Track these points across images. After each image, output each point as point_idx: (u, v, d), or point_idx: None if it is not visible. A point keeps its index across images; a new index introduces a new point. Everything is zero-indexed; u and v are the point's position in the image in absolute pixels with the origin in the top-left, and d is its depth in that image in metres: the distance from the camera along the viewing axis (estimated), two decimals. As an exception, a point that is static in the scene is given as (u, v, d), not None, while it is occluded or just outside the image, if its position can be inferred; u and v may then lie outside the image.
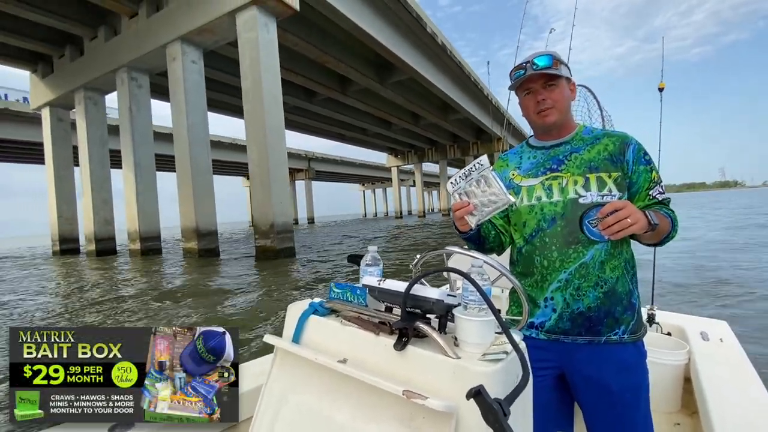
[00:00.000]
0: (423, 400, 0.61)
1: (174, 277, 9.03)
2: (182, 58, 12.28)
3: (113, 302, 6.56)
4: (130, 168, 14.14)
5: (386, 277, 0.85)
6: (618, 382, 0.96)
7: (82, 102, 15.98)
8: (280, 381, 0.88)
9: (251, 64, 10.97)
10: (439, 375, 0.66)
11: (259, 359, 1.38)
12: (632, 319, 0.99)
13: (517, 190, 1.08)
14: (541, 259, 1.02)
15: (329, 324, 0.85)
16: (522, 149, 1.15)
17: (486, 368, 0.62)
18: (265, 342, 0.90)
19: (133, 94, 14.14)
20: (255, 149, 11.11)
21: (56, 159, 17.75)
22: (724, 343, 1.61)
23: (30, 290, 8.40)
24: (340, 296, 0.88)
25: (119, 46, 14.06)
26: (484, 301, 0.67)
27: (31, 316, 5.87)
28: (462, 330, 0.69)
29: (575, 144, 1.05)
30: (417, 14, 17.45)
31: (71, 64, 16.04)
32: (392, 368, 0.71)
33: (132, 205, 14.25)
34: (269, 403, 0.88)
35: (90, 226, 16.11)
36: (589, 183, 0.99)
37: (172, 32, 12.30)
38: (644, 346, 1.02)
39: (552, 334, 1.01)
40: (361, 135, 37.31)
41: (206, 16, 11.50)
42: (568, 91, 1.05)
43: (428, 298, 0.71)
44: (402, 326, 0.71)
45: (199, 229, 12.46)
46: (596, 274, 0.97)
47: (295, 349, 0.84)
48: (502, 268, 0.88)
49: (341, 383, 0.77)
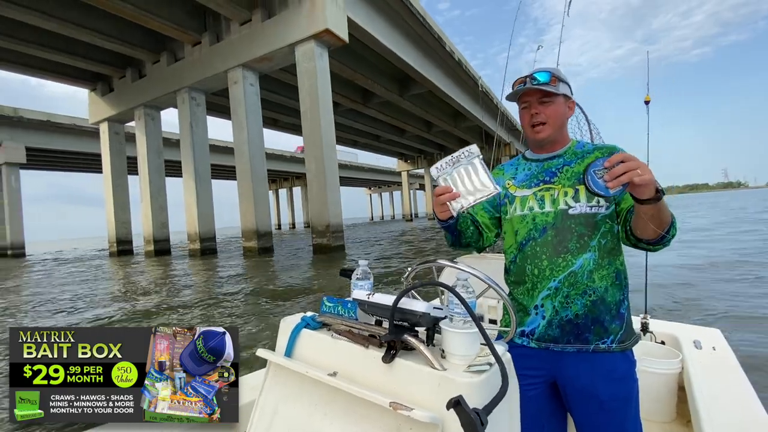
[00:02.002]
0: (408, 412, 0.62)
1: (262, 274, 10.85)
2: (243, 82, 14.18)
3: (235, 297, 7.02)
4: (191, 176, 16.02)
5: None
6: (606, 390, 0.97)
7: (142, 118, 17.91)
8: (273, 394, 0.89)
9: (309, 90, 12.87)
10: (425, 387, 0.67)
11: (256, 372, 1.39)
12: (620, 329, 1.00)
13: (511, 200, 1.12)
14: (532, 268, 1.04)
15: (320, 337, 0.86)
16: (518, 161, 1.19)
17: (470, 379, 0.64)
18: (258, 356, 0.91)
19: (192, 111, 16.05)
20: (312, 161, 12.99)
21: (113, 168, 19.67)
22: (717, 351, 1.61)
23: (146, 285, 10.23)
24: (331, 310, 0.90)
25: (181, 70, 15.98)
26: (468, 314, 0.68)
27: (176, 310, 6.32)
28: (448, 342, 0.71)
29: (567, 157, 1.08)
30: (438, 36, 19.36)
31: (132, 84, 17.96)
32: (381, 380, 0.73)
33: (192, 209, 16.11)
34: (262, 417, 0.89)
35: (149, 229, 17.99)
36: (578, 194, 1.02)
37: (234, 59, 14.21)
38: (634, 356, 1.02)
39: (542, 342, 1.03)
40: (375, 141, 39.26)
41: (268, 47, 13.41)
42: (564, 108, 1.07)
43: (415, 312, 0.72)
44: (390, 339, 0.73)
45: (259, 230, 14.32)
46: (585, 282, 0.99)
47: (287, 362, 0.85)
48: (489, 280, 0.87)
49: (332, 396, 0.78)
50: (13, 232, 27.09)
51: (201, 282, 9.29)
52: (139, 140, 18.11)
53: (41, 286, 10.39)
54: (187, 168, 16.13)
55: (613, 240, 1.03)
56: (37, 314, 6.76)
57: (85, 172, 37.07)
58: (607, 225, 1.02)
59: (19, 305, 7.64)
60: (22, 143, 25.39)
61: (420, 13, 16.73)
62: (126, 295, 8.06)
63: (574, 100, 1.11)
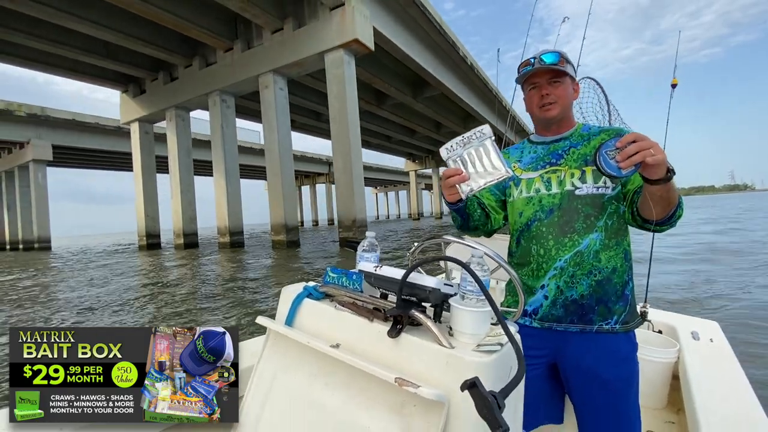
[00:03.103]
0: (415, 389, 0.61)
1: (296, 262, 11.87)
2: (273, 86, 15.20)
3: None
4: (221, 174, 17.06)
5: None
6: (609, 371, 0.98)
7: (173, 119, 18.97)
8: (272, 362, 0.89)
9: (338, 95, 13.87)
10: (432, 364, 0.66)
11: (254, 339, 1.38)
12: (624, 310, 1.00)
13: (517, 182, 1.12)
14: (537, 248, 1.04)
15: (323, 308, 0.85)
16: (523, 145, 1.19)
17: (480, 359, 0.62)
18: (257, 323, 0.91)
19: (223, 113, 17.09)
20: (340, 161, 14.00)
21: (143, 166, 20.76)
22: (714, 343, 1.61)
23: (206, 276, 11.24)
24: (335, 281, 0.88)
25: (213, 74, 17.01)
26: (482, 292, 0.67)
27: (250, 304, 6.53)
28: (458, 320, 0.70)
29: (574, 140, 1.08)
30: (453, 41, 20.30)
31: (164, 87, 19.02)
32: (385, 355, 0.71)
33: (222, 205, 17.16)
34: (260, 384, 0.89)
35: (179, 224, 19.07)
36: (585, 175, 1.02)
37: (266, 65, 15.22)
38: (636, 338, 1.03)
39: (545, 322, 1.03)
40: (386, 142, 40.23)
41: (299, 54, 14.41)
42: (571, 89, 1.08)
43: (425, 287, 0.71)
44: (397, 313, 0.71)
45: (287, 225, 15.34)
46: (591, 262, 0.99)
47: (288, 331, 0.84)
48: (499, 259, 0.86)
49: (333, 368, 0.77)
50: (40, 227, 28.33)
51: (274, 267, 10.31)
52: (170, 140, 19.18)
53: (136, 272, 11.44)
54: (217, 167, 17.18)
55: (619, 221, 1.03)
56: (163, 301, 7.77)
57: (106, 169, 38.43)
58: (613, 206, 1.02)
59: (146, 293, 8.63)
60: (49, 141, 26.62)
61: (438, 21, 17.69)
62: (222, 281, 9.09)
63: (578, 83, 1.13)
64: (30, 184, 28.48)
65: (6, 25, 14.62)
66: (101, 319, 5.58)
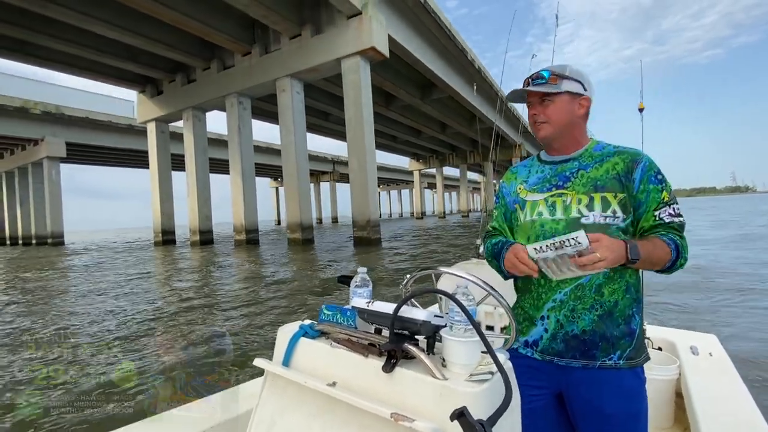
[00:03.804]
0: (410, 423, 0.61)
1: (324, 258, 12.47)
2: (291, 90, 15.80)
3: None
4: (238, 174, 17.68)
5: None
6: (614, 407, 0.94)
7: (190, 119, 19.57)
8: (270, 404, 0.89)
9: (354, 99, 14.47)
10: (426, 396, 0.67)
11: (251, 381, 1.38)
12: (630, 345, 0.96)
13: (522, 205, 1.09)
14: (538, 278, 0.99)
15: (319, 346, 0.86)
16: (532, 162, 1.15)
17: (472, 389, 0.63)
18: (255, 365, 0.90)
19: (240, 115, 17.69)
20: (356, 162, 14.61)
21: (159, 165, 21.38)
22: (713, 357, 1.60)
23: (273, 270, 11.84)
24: (330, 318, 0.89)
25: (231, 77, 17.61)
26: (469, 322, 0.67)
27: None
28: (449, 351, 0.71)
29: (584, 161, 1.03)
30: (462, 46, 20.86)
31: (182, 88, 19.62)
32: (381, 390, 0.72)
33: (239, 204, 17.78)
34: (259, 428, 0.88)
35: (195, 221, 19.69)
36: (593, 203, 0.97)
37: (283, 70, 15.81)
38: (644, 373, 0.99)
39: (546, 355, 1.00)
40: (391, 142, 40.79)
41: (316, 60, 15.00)
42: (570, 106, 1.02)
43: (415, 320, 0.72)
44: (390, 348, 0.72)
45: (303, 223, 15.97)
46: (592, 296, 0.96)
47: (285, 372, 0.85)
48: (488, 287, 0.88)
49: (330, 406, 0.77)
50: (53, 222, 28.96)
51: (304, 263, 10.91)
52: (187, 139, 19.78)
53: (189, 269, 12.05)
54: (234, 166, 17.79)
55: None
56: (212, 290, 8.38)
57: (118, 166, 39.08)
58: (621, 237, 0.96)
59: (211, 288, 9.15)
60: (63, 138, 27.23)
61: (448, 27, 18.25)
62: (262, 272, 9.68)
63: (587, 97, 1.04)
64: (43, 181, 29.10)
65: (31, 28, 15.19)
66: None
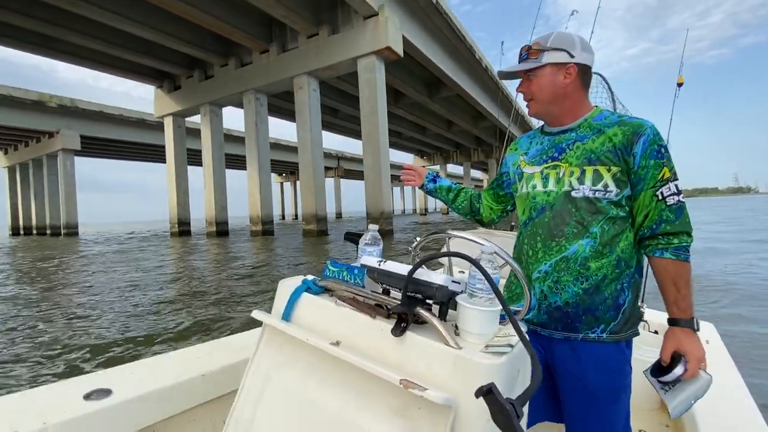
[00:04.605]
0: (422, 391, 0.58)
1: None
2: (308, 88, 16.45)
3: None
4: (255, 168, 18.37)
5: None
6: (596, 381, 0.94)
7: (207, 114, 20.23)
8: (267, 359, 0.85)
9: (369, 97, 15.13)
10: (438, 365, 0.63)
11: (242, 334, 1.33)
12: (615, 319, 0.95)
13: (520, 177, 1.09)
14: (527, 248, 1.01)
15: (322, 303, 0.82)
16: (535, 134, 1.13)
17: (490, 361, 0.60)
18: (252, 317, 0.87)
19: (257, 111, 18.36)
20: (370, 158, 15.31)
21: (176, 158, 22.06)
22: (709, 344, 1.59)
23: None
24: (335, 275, 0.85)
25: (249, 73, 18.26)
26: (492, 291, 0.64)
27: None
28: (465, 319, 0.67)
29: (581, 131, 1.00)
30: (470, 46, 21.46)
31: (199, 84, 20.26)
32: (389, 354, 0.69)
33: (255, 196, 18.48)
34: (254, 381, 0.85)
35: (211, 212, 20.42)
36: (584, 176, 0.95)
37: (301, 67, 16.45)
38: (628, 348, 0.98)
39: (530, 325, 1.00)
40: (396, 138, 41.41)
41: (333, 59, 15.64)
42: (554, 77, 0.98)
43: (432, 284, 0.69)
44: (401, 311, 0.68)
45: (317, 215, 16.68)
46: (577, 269, 0.94)
47: (285, 327, 0.81)
48: (507, 256, 0.82)
49: (332, 367, 0.74)
50: (68, 214, 29.73)
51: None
52: (204, 134, 20.45)
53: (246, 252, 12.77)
54: (251, 161, 18.48)
55: (616, 226, 0.95)
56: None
57: (129, 160, 39.84)
58: (613, 210, 0.94)
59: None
60: (77, 131, 27.92)
61: (458, 27, 18.85)
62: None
63: (573, 65, 0.97)
64: (58, 173, 29.83)
65: (60, 24, 15.80)
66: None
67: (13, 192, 36.57)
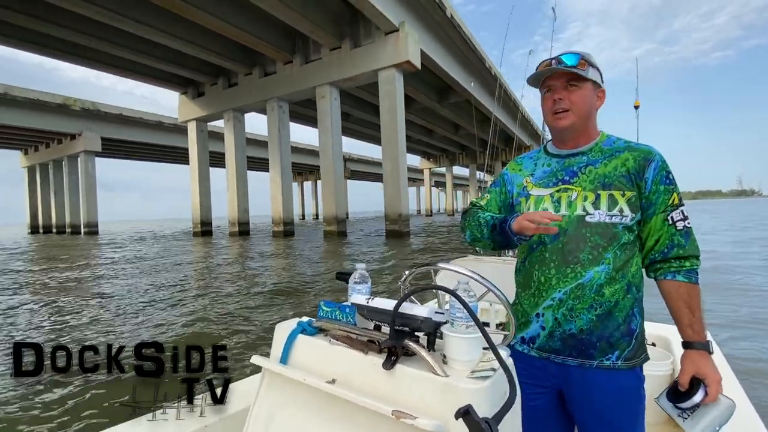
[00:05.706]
0: (412, 420, 0.61)
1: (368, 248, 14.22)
2: (329, 97, 17.52)
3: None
4: (277, 171, 19.44)
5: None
6: (610, 407, 0.94)
7: (230, 120, 21.32)
8: (268, 402, 0.88)
9: (389, 107, 16.21)
10: (428, 394, 0.66)
11: (248, 378, 1.37)
12: (629, 345, 0.94)
13: (527, 197, 1.06)
14: (538, 274, 0.99)
15: (318, 343, 0.85)
16: (538, 154, 1.11)
17: (474, 386, 0.63)
18: (252, 363, 0.90)
19: (280, 117, 19.43)
20: (389, 163, 16.38)
21: (200, 161, 23.16)
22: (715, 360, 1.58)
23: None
24: (328, 315, 0.88)
25: (273, 83, 19.34)
26: (471, 318, 0.67)
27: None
28: (450, 347, 0.71)
29: (593, 156, 1.00)
30: (481, 55, 22.50)
31: (223, 91, 21.36)
32: (381, 387, 0.72)
33: (277, 198, 19.56)
34: (257, 425, 0.88)
35: (234, 213, 21.51)
36: (599, 201, 0.95)
37: (323, 78, 17.52)
38: (642, 372, 0.97)
39: (543, 352, 0.99)
40: (406, 141, 42.42)
41: (355, 71, 16.71)
42: (592, 96, 0.99)
43: (416, 316, 0.72)
44: (390, 345, 0.72)
45: (338, 217, 17.75)
46: (592, 296, 0.93)
47: (283, 370, 0.84)
48: (488, 283, 0.85)
49: (330, 404, 0.76)
50: (89, 213, 30.83)
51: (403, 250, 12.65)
52: (227, 138, 21.54)
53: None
54: (274, 164, 19.55)
55: (627, 251, 0.95)
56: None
57: (147, 161, 41.07)
58: (627, 236, 0.94)
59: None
60: (98, 133, 29.03)
61: (470, 38, 19.90)
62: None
63: (604, 89, 1.01)
64: (78, 173, 30.96)
65: (86, 32, 16.66)
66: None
67: (32, 191, 37.72)
